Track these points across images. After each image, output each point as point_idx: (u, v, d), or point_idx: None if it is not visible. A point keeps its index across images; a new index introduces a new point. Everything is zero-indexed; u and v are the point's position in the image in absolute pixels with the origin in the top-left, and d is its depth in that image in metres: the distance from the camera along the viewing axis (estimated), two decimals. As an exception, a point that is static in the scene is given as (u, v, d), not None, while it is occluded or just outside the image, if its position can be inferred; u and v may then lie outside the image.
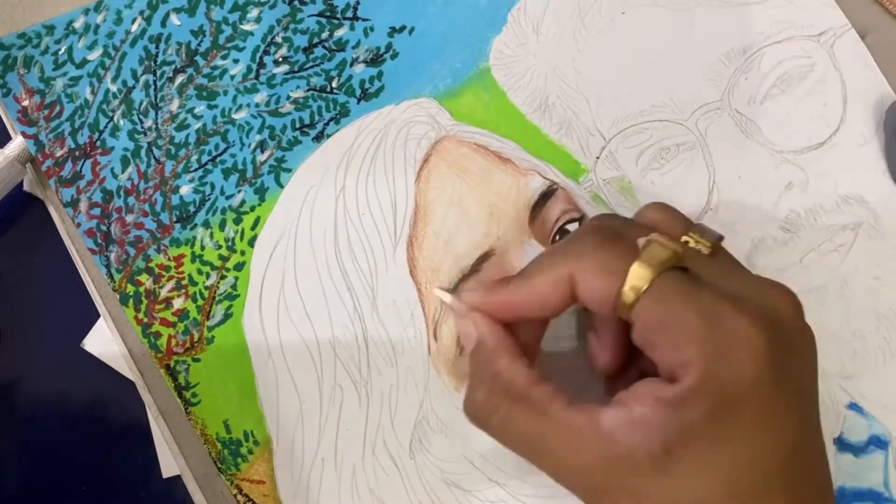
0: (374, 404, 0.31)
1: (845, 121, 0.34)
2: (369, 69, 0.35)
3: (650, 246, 0.24)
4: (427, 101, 0.35)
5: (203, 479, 0.31)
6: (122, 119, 0.34)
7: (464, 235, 0.33)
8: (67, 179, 0.34)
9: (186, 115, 0.34)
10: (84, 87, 0.35)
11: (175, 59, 0.35)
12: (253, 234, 0.33)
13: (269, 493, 0.31)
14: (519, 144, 0.34)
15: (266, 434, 0.31)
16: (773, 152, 0.34)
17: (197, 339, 0.32)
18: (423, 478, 0.31)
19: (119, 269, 0.33)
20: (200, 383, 0.32)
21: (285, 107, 0.35)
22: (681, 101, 0.34)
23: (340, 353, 0.32)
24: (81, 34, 0.35)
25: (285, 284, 0.33)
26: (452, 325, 0.32)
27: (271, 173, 0.34)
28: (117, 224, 0.34)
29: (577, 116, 0.34)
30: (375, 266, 0.33)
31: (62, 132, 0.34)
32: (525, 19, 0.35)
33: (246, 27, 0.35)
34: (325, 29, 0.35)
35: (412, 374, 0.32)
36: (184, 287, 0.33)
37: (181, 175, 0.34)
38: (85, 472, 0.33)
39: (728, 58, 0.35)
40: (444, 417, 0.31)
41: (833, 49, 0.35)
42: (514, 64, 0.35)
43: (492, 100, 0.35)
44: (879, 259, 0.33)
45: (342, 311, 0.32)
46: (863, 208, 0.33)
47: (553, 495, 0.31)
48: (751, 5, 0.35)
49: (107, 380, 0.33)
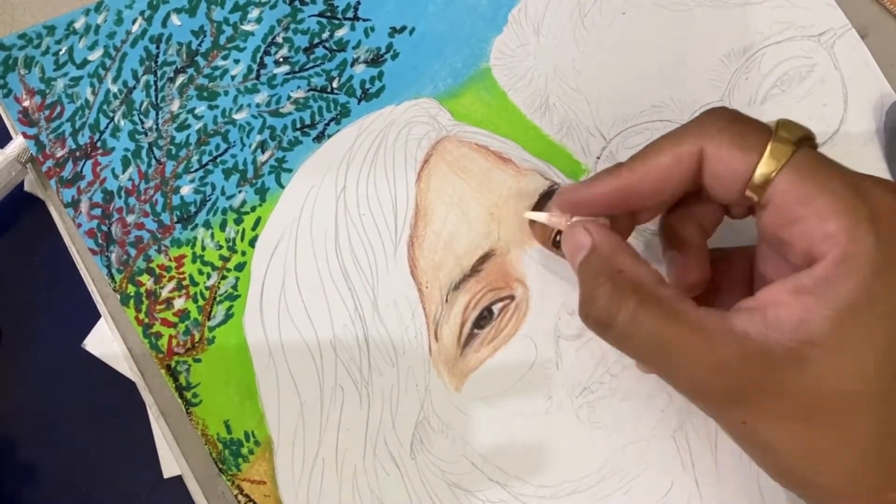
0: (374, 405, 0.31)
1: (845, 121, 0.34)
2: (370, 69, 0.35)
3: (784, 125, 0.23)
4: (427, 101, 0.35)
5: (204, 479, 0.31)
6: (122, 119, 0.34)
7: (464, 235, 0.33)
8: (68, 180, 0.34)
9: (187, 116, 0.35)
10: (85, 88, 0.35)
11: (176, 59, 0.35)
12: (254, 234, 0.33)
13: (270, 494, 0.31)
14: (519, 145, 0.34)
15: (267, 434, 0.32)
16: (774, 152, 0.34)
17: (198, 340, 0.32)
18: (424, 478, 0.31)
19: (120, 269, 0.33)
20: (201, 384, 0.32)
21: (286, 107, 0.35)
22: (681, 101, 0.34)
23: (341, 353, 0.32)
24: (82, 34, 0.35)
25: (286, 285, 0.33)
26: (453, 324, 0.32)
27: (272, 173, 0.34)
28: (118, 224, 0.34)
29: (578, 117, 0.34)
30: (376, 266, 0.33)
31: (63, 133, 0.34)
32: (526, 19, 0.35)
33: (247, 27, 0.35)
34: (325, 29, 0.35)
35: (413, 375, 0.32)
36: (185, 287, 0.33)
37: (182, 175, 0.34)
38: (85, 472, 0.33)
39: (728, 58, 0.35)
40: (445, 418, 0.31)
41: (833, 49, 0.35)
42: (514, 64, 0.35)
43: (492, 100, 0.35)
44: (880, 259, 0.33)
45: (343, 312, 0.32)
46: (863, 208, 0.33)
47: (553, 495, 0.31)
48: (751, 5, 0.35)
49: (107, 380, 0.33)
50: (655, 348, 0.23)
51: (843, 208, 0.21)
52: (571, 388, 0.31)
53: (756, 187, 0.23)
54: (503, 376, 0.32)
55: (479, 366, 0.32)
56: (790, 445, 0.22)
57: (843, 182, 0.22)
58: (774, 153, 0.22)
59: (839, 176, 0.22)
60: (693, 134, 0.24)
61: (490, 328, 0.32)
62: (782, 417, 0.22)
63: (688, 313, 0.23)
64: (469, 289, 0.32)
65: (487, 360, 0.32)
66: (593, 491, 0.31)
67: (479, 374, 0.32)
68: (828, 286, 0.21)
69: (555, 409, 0.31)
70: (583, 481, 0.31)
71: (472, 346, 0.32)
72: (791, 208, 0.22)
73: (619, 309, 0.23)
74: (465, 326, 0.32)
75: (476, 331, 0.32)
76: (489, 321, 0.32)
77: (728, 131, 0.23)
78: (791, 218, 0.22)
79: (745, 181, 0.23)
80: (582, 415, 0.31)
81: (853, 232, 0.21)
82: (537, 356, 0.32)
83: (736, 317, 0.22)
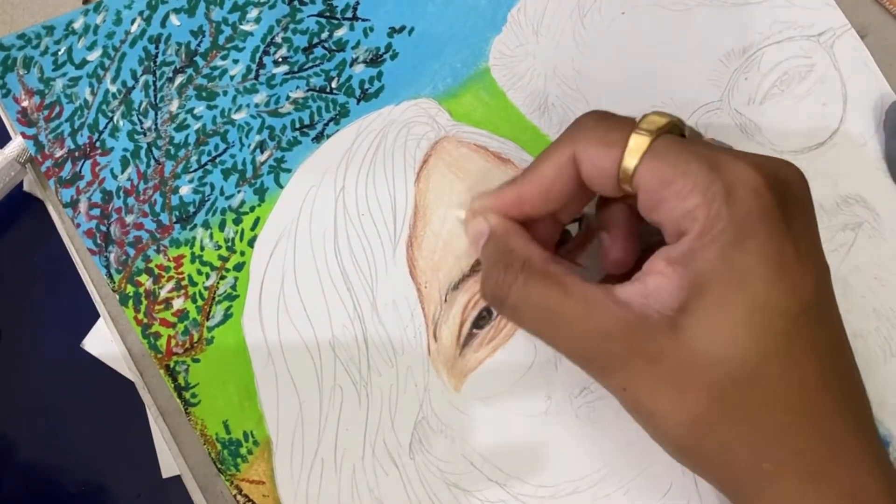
0: (373, 405, 0.31)
1: (845, 121, 0.34)
2: (369, 69, 0.35)
3: (647, 117, 0.25)
4: (427, 101, 0.35)
5: (203, 479, 0.31)
6: (121, 119, 0.34)
7: (463, 235, 0.33)
8: (67, 180, 0.34)
9: (186, 116, 0.34)
10: (83, 88, 0.35)
11: (175, 59, 0.35)
12: (253, 234, 0.33)
13: (269, 494, 0.31)
14: (518, 145, 0.34)
15: (266, 434, 0.32)
16: (773, 152, 0.34)
17: (197, 340, 0.32)
18: (423, 478, 0.31)
19: (119, 269, 0.33)
20: (200, 384, 0.32)
21: (285, 107, 0.35)
22: (681, 101, 0.34)
23: (340, 353, 0.32)
24: (81, 35, 0.35)
25: (285, 285, 0.33)
26: (452, 324, 0.32)
27: (271, 174, 0.34)
28: (117, 224, 0.34)
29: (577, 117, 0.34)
30: (375, 266, 0.33)
31: (62, 133, 0.34)
32: (525, 19, 0.35)
33: (245, 27, 0.35)
34: (324, 29, 0.35)
35: (412, 375, 0.32)
36: (183, 287, 0.33)
37: (181, 175, 0.34)
38: (85, 472, 0.33)
39: (728, 58, 0.35)
40: (444, 418, 0.31)
41: (833, 49, 0.35)
42: (513, 64, 0.35)
43: (491, 100, 0.35)
44: (879, 259, 0.33)
45: (342, 312, 0.32)
46: (863, 208, 0.33)
47: (553, 495, 0.31)
48: (751, 5, 0.35)
49: (107, 380, 0.33)
50: (542, 318, 0.25)
51: (699, 186, 0.23)
52: (571, 388, 0.31)
53: (626, 179, 0.24)
54: (503, 376, 0.32)
55: (478, 366, 0.32)
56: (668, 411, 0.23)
57: (700, 161, 0.23)
58: (635, 145, 0.24)
59: (696, 156, 0.23)
60: (566, 141, 0.26)
61: (489, 328, 0.32)
62: (659, 383, 0.23)
63: (572, 286, 0.24)
64: (468, 289, 0.32)
65: (487, 360, 0.32)
66: (593, 491, 0.31)
67: (478, 374, 0.32)
68: (692, 257, 0.22)
69: (554, 409, 0.31)
70: (583, 481, 0.31)
71: (471, 346, 0.32)
72: (655, 192, 0.24)
73: (510, 284, 0.25)
74: (464, 326, 0.32)
75: (475, 331, 0.32)
76: (488, 321, 0.32)
77: (594, 131, 0.25)
78: (657, 200, 0.24)
79: (615, 176, 0.24)
80: (581, 415, 0.31)
81: (709, 207, 0.22)
82: (536, 356, 0.32)
83: (622, 288, 0.24)
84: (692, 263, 0.22)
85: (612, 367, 0.24)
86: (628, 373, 0.23)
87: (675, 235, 0.24)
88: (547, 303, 0.24)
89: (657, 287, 0.23)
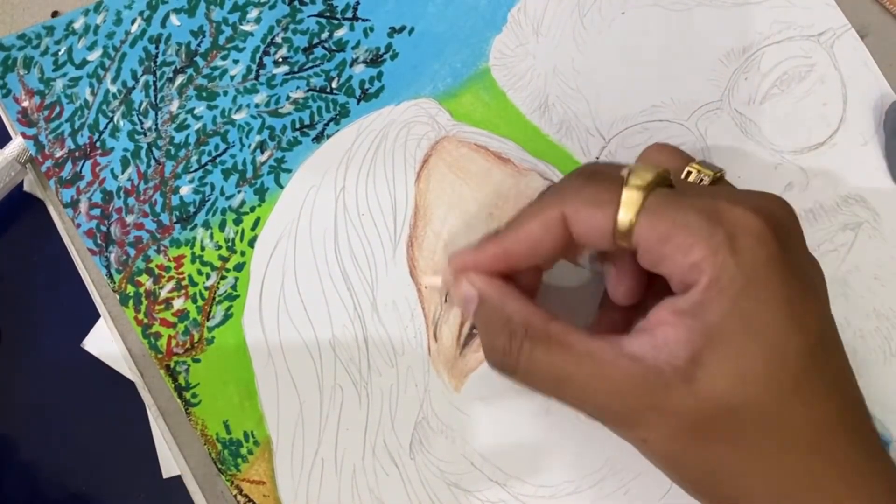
0: (374, 405, 0.31)
1: (845, 121, 0.34)
2: (369, 69, 0.35)
3: (634, 172, 0.24)
4: (427, 101, 0.35)
5: (203, 479, 0.31)
6: (121, 120, 0.34)
7: (464, 236, 0.33)
8: (67, 180, 0.34)
9: (186, 116, 0.35)
10: (84, 88, 0.35)
11: (175, 59, 0.35)
12: (253, 234, 0.33)
13: (269, 494, 0.31)
14: (519, 145, 0.34)
15: (266, 434, 0.32)
16: (773, 152, 0.34)
17: (197, 340, 0.32)
18: (424, 478, 0.31)
19: (119, 269, 0.33)
20: (200, 384, 0.32)
21: (285, 107, 0.35)
22: (681, 101, 0.34)
23: (340, 353, 0.32)
24: (81, 35, 0.35)
25: (285, 285, 0.33)
26: (453, 324, 0.32)
27: (271, 174, 0.34)
28: (117, 225, 0.34)
29: (577, 117, 0.34)
30: (375, 266, 0.33)
31: (62, 133, 0.34)
32: (525, 19, 0.35)
33: (246, 28, 0.35)
34: (324, 29, 0.35)
35: (412, 375, 0.32)
36: (184, 288, 0.33)
37: (181, 175, 0.34)
38: (85, 472, 0.33)
39: (728, 58, 0.35)
40: (445, 418, 0.31)
41: (833, 49, 0.35)
42: (513, 64, 0.35)
43: (492, 100, 0.35)
44: (879, 259, 0.33)
45: (342, 312, 0.32)
46: (863, 208, 0.33)
47: (553, 495, 0.31)
48: (751, 5, 0.35)
49: (107, 380, 0.33)
50: (554, 382, 0.25)
51: (700, 239, 0.22)
52: (571, 389, 0.31)
53: (623, 237, 0.24)
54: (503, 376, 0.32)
55: (478, 366, 0.32)
56: (690, 461, 0.23)
57: (698, 214, 0.23)
58: (627, 203, 0.24)
59: (693, 209, 0.23)
60: (553, 201, 0.25)
61: (489, 328, 0.32)
62: (678, 434, 0.23)
63: (577, 344, 0.24)
64: (468, 289, 0.32)
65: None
66: (593, 491, 0.31)
67: (478, 374, 0.32)
68: (702, 309, 0.22)
69: (555, 409, 0.31)
70: (583, 481, 0.31)
71: (471, 346, 0.32)
72: (655, 249, 0.23)
73: (518, 354, 0.25)
74: (464, 326, 0.32)
75: (475, 331, 0.32)
76: (488, 321, 0.32)
77: (583, 192, 0.25)
78: (658, 256, 0.24)
79: (610, 234, 0.24)
80: (582, 415, 0.31)
81: (714, 258, 0.22)
82: (537, 356, 0.32)
83: (629, 340, 0.23)
84: (703, 315, 0.22)
85: (629, 422, 0.24)
86: (648, 427, 0.23)
87: (681, 286, 0.23)
88: (555, 368, 0.24)
89: (665, 339, 0.23)
